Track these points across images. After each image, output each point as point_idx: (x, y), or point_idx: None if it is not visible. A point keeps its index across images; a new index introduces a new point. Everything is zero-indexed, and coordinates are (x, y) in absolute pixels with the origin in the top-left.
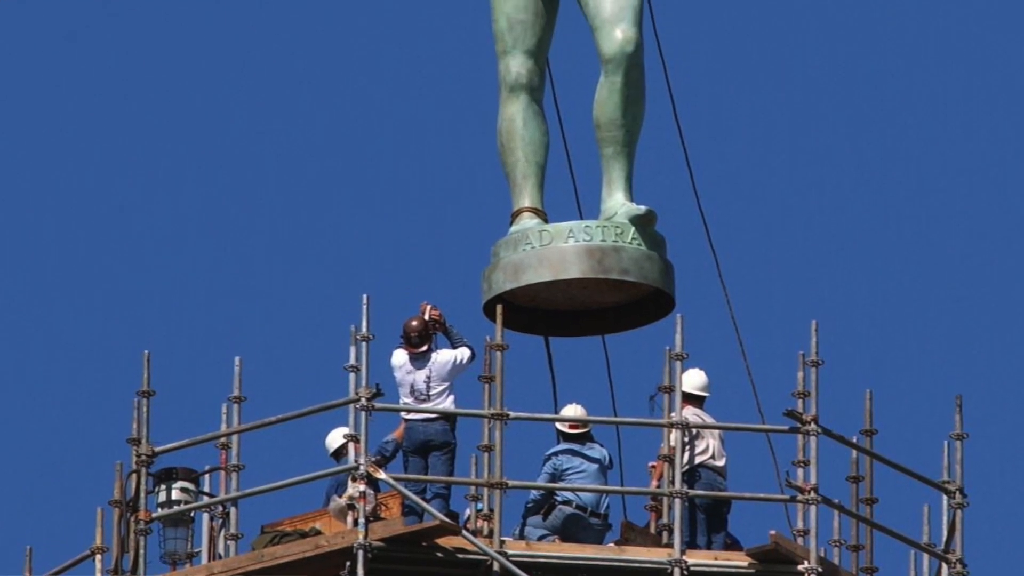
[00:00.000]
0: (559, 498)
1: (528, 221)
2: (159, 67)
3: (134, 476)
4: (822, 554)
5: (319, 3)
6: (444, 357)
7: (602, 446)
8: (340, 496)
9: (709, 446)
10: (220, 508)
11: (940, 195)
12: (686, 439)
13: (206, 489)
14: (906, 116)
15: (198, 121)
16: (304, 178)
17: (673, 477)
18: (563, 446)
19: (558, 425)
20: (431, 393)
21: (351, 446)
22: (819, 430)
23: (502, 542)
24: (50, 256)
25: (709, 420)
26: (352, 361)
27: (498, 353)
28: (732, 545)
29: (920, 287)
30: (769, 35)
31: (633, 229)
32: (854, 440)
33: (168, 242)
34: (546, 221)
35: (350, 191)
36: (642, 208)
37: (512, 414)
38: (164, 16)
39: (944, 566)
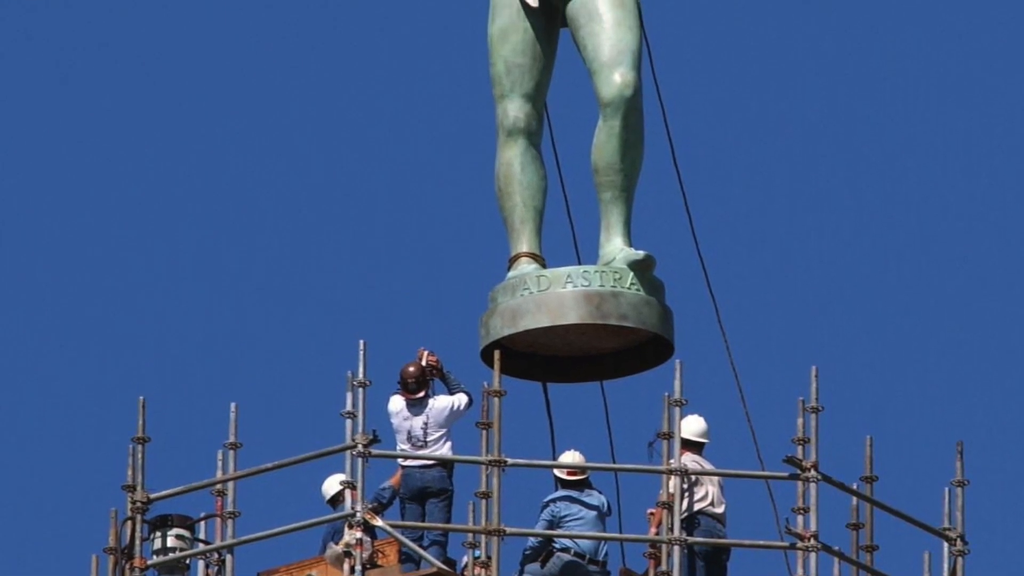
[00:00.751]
0: (557, 545)
1: (526, 266)
2: (152, 125)
3: (129, 523)
4: None
5: (316, 50)
6: (441, 403)
7: (600, 493)
8: (337, 543)
9: (708, 493)
10: (216, 555)
11: (940, 241)
12: (685, 486)
13: (201, 536)
14: (904, 162)
15: (193, 165)
16: (300, 222)
17: (672, 524)
18: (561, 493)
19: (556, 472)
20: (428, 439)
21: (348, 493)
22: (819, 476)
23: None
24: (45, 300)
25: (708, 467)
26: (349, 407)
27: (496, 399)
28: None
29: (920, 332)
30: (767, 81)
31: (632, 274)
32: (854, 487)
33: (163, 286)
34: (544, 266)
35: (346, 234)
36: (641, 253)
37: (510, 460)
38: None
39: None
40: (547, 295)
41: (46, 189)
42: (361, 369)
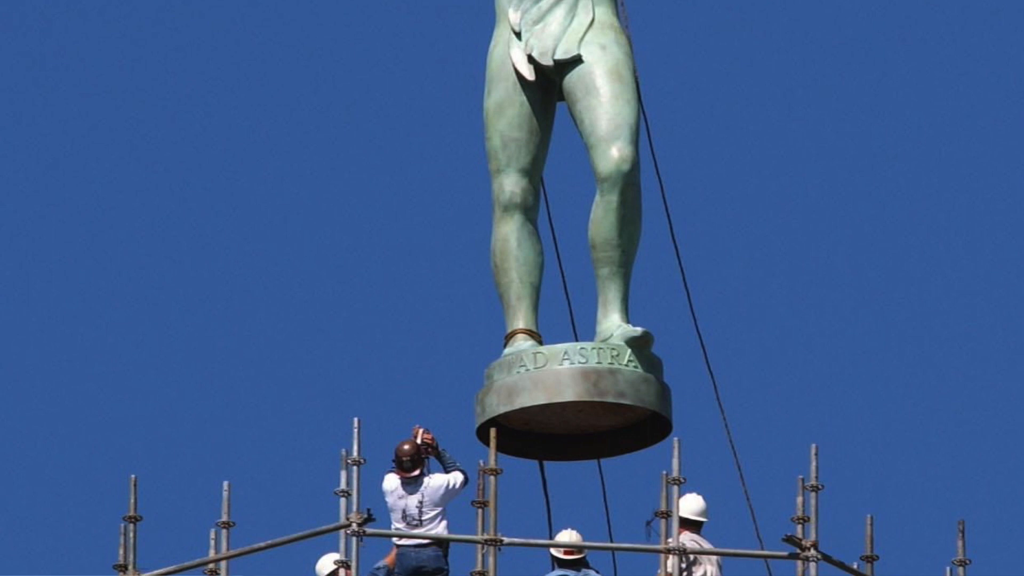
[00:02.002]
0: None
1: (522, 343)
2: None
3: None
4: None
5: (312, 124)
6: (437, 482)
7: (598, 572)
8: None
9: (707, 572)
10: None
11: (938, 321)
12: (684, 565)
13: None
14: (903, 241)
15: (183, 247)
16: (295, 297)
17: None
18: (558, 572)
19: (553, 551)
20: (423, 518)
21: (342, 572)
22: (819, 556)
23: None
24: (36, 376)
25: (707, 546)
26: (343, 486)
27: (492, 477)
28: None
29: (921, 411)
30: (766, 156)
31: (629, 351)
32: (855, 566)
33: (155, 363)
34: (541, 343)
35: (341, 309)
36: (638, 330)
37: (506, 540)
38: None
39: None
40: (544, 372)
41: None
42: (355, 447)
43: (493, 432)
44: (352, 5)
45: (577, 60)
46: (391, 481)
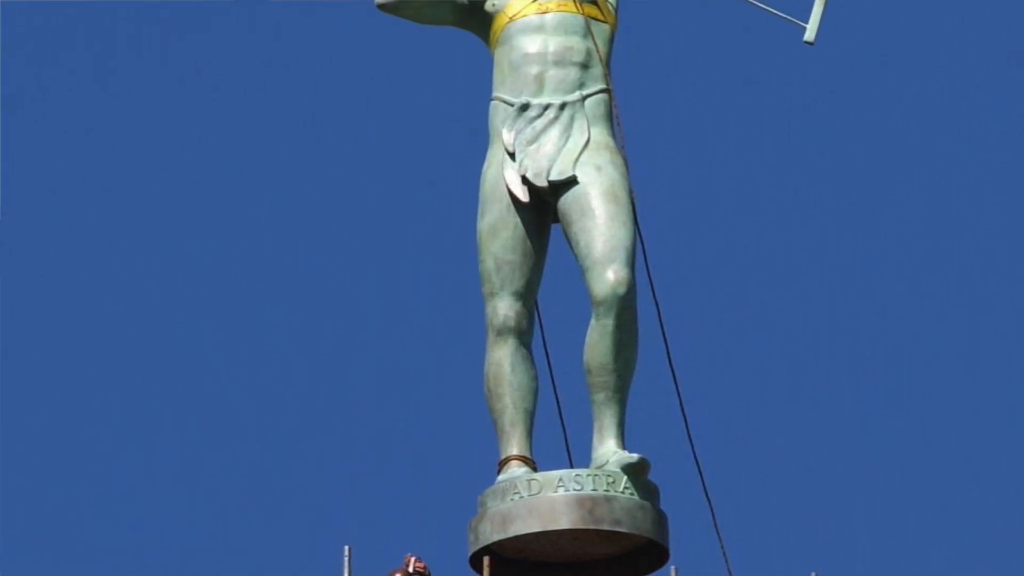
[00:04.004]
0: None
1: (516, 470)
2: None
3: None
4: None
5: (307, 247)
6: None
7: None
8: None
9: None
10: None
11: (941, 448)
12: None
13: None
14: (904, 350)
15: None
16: (283, 422)
17: None
18: None
19: None
20: None
21: None
22: None
23: None
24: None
25: None
26: None
27: None
28: None
29: (924, 540)
30: (764, 281)
31: (625, 478)
32: None
33: (143, 493)
34: (535, 470)
35: (331, 435)
36: (635, 456)
37: None
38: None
39: None
40: (538, 499)
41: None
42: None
43: (487, 560)
44: (343, 146)
45: (572, 181)
46: None
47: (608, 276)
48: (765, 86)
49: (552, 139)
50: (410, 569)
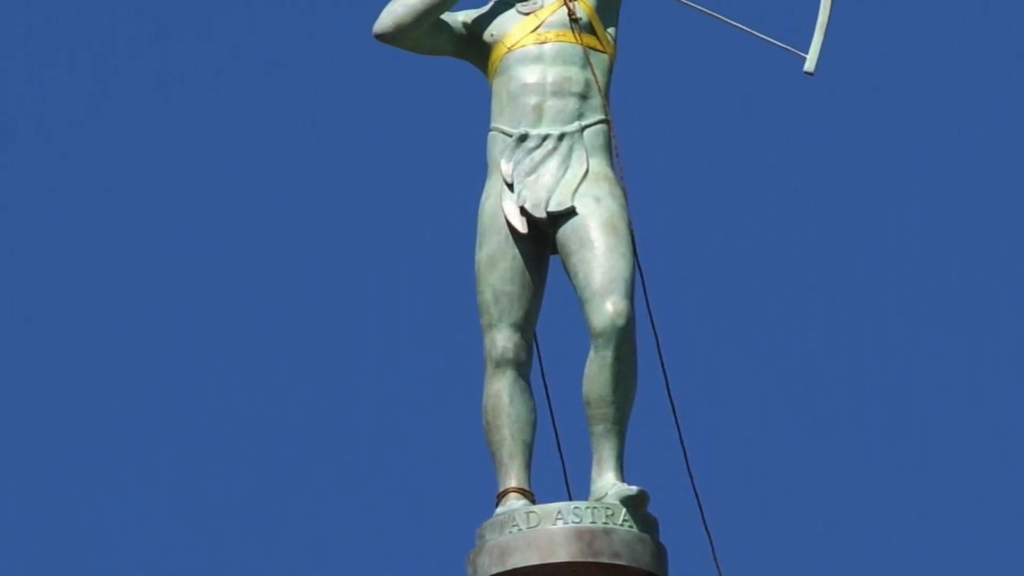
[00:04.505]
0: None
1: (515, 502)
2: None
3: None
4: None
5: (302, 296)
6: None
7: None
8: None
9: None
10: None
11: (943, 490)
12: None
13: None
14: (905, 411)
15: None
16: (280, 451)
17: None
18: None
19: None
20: None
21: None
22: None
23: None
24: None
25: None
26: None
27: None
28: None
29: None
30: (762, 312)
31: (624, 511)
32: None
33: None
34: (533, 502)
35: (330, 467)
36: (634, 489)
37: None
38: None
39: None
40: (537, 532)
41: None
42: None
43: None
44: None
45: (571, 212)
46: None
47: (607, 308)
48: (765, 117)
49: (551, 170)
50: None
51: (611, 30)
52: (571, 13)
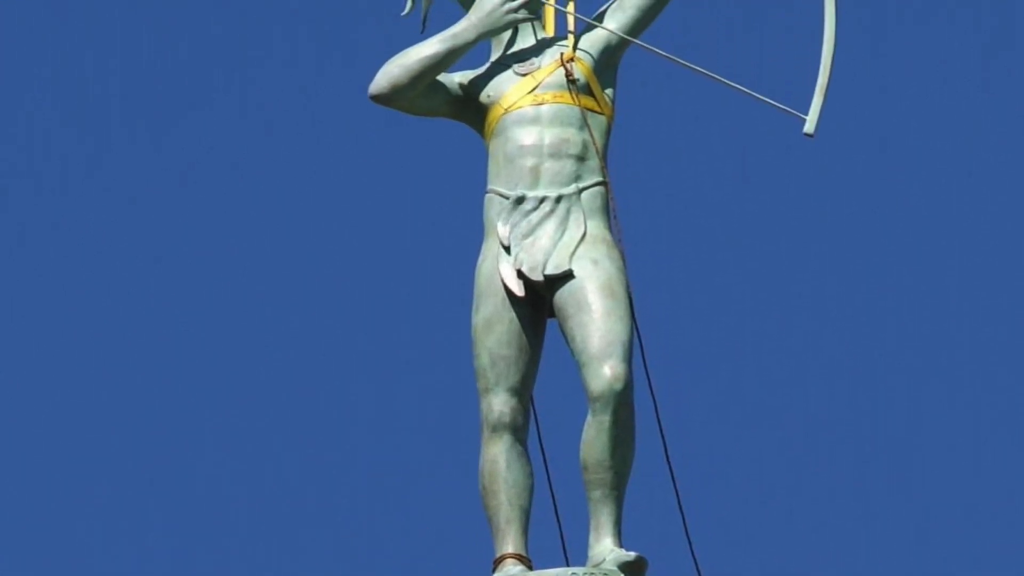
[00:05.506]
0: None
1: (512, 568)
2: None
3: None
4: None
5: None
6: None
7: None
8: None
9: None
10: None
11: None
12: None
13: None
14: (906, 474)
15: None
16: (273, 513)
17: None
18: None
19: None
20: None
21: None
22: None
23: None
24: None
25: None
26: None
27: None
28: None
29: None
30: (761, 376)
31: None
32: None
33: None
34: (531, 568)
35: (325, 535)
36: (632, 555)
37: None
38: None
39: None
40: None
41: None
42: None
43: None
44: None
45: (568, 275)
46: None
47: (605, 372)
48: (764, 179)
49: (548, 232)
50: None
51: (609, 91)
52: (569, 74)
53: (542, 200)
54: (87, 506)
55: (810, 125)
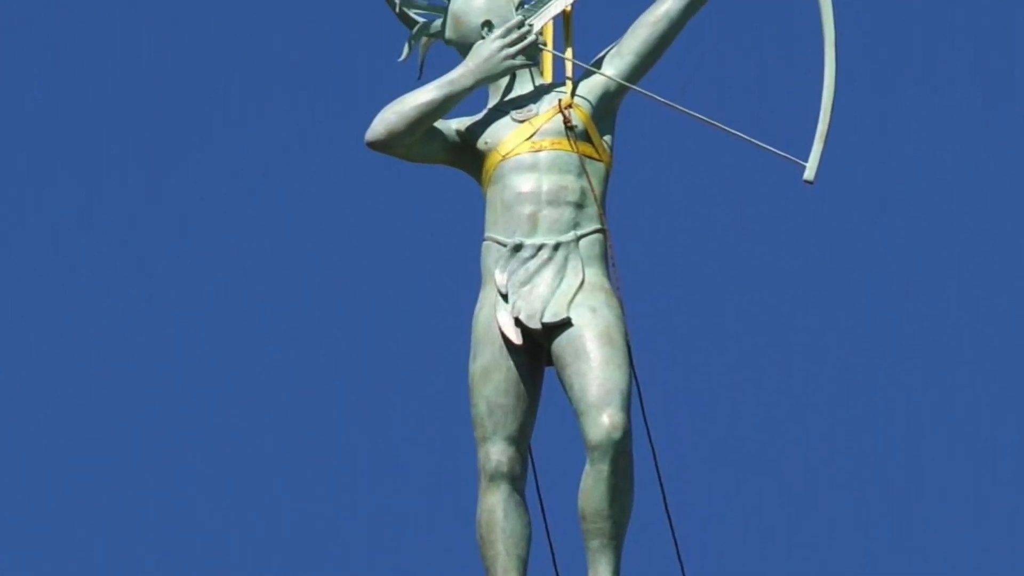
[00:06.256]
0: None
1: None
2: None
3: None
4: None
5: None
6: None
7: None
8: None
9: None
10: None
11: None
12: None
13: None
14: (908, 500)
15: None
16: (271, 568)
17: None
18: None
19: None
20: None
21: None
22: None
23: None
24: None
25: None
26: None
27: None
28: None
29: None
30: (761, 421)
31: None
32: None
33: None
34: None
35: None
36: None
37: None
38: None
39: None
40: None
41: None
42: None
43: None
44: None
45: (566, 323)
46: None
47: (603, 420)
48: (763, 226)
49: (546, 280)
50: None
51: (607, 138)
52: (567, 121)
53: (540, 247)
54: (87, 506)
55: (810, 172)
